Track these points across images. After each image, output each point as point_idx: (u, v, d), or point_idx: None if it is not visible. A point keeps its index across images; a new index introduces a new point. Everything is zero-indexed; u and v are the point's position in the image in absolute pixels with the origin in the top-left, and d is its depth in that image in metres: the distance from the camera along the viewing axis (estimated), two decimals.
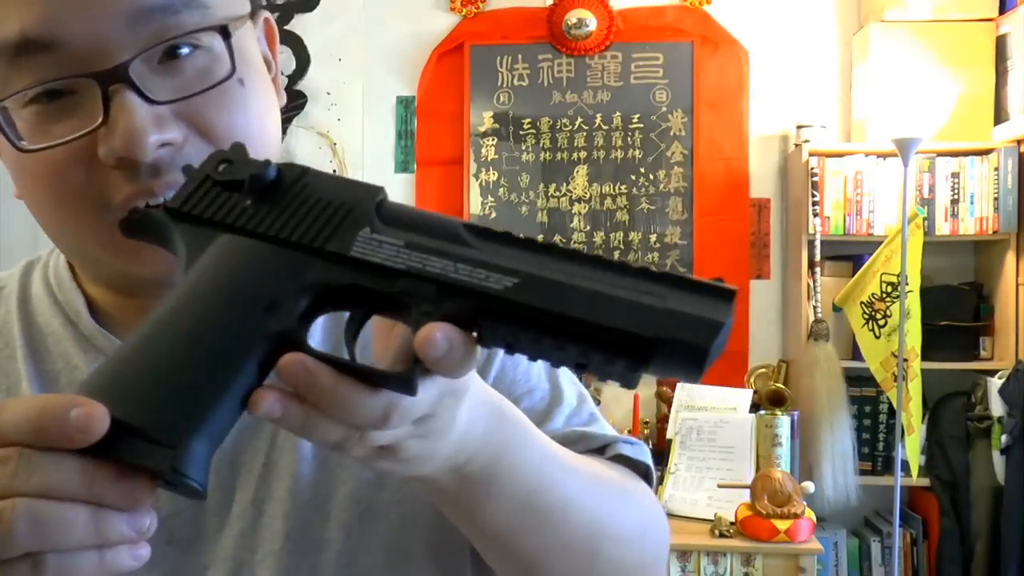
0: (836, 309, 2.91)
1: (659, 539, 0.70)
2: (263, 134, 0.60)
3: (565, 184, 3.28)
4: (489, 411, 0.52)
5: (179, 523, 0.65)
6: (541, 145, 3.28)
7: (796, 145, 3.09)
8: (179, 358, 0.44)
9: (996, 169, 2.92)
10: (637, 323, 0.42)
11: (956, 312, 2.97)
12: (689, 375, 0.45)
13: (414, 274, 0.43)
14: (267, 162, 0.48)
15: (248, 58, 0.61)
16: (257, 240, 0.46)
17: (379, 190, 0.47)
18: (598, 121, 3.27)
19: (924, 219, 2.85)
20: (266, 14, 0.66)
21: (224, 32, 0.57)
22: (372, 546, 0.66)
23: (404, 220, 0.46)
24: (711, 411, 2.87)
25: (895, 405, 2.75)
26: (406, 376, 0.43)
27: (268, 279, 0.45)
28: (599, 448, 0.73)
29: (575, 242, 3.28)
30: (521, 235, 0.45)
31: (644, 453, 0.74)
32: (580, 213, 3.28)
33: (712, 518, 2.53)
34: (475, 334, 0.43)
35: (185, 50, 0.57)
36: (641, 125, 3.26)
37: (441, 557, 0.68)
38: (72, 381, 0.66)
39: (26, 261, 0.75)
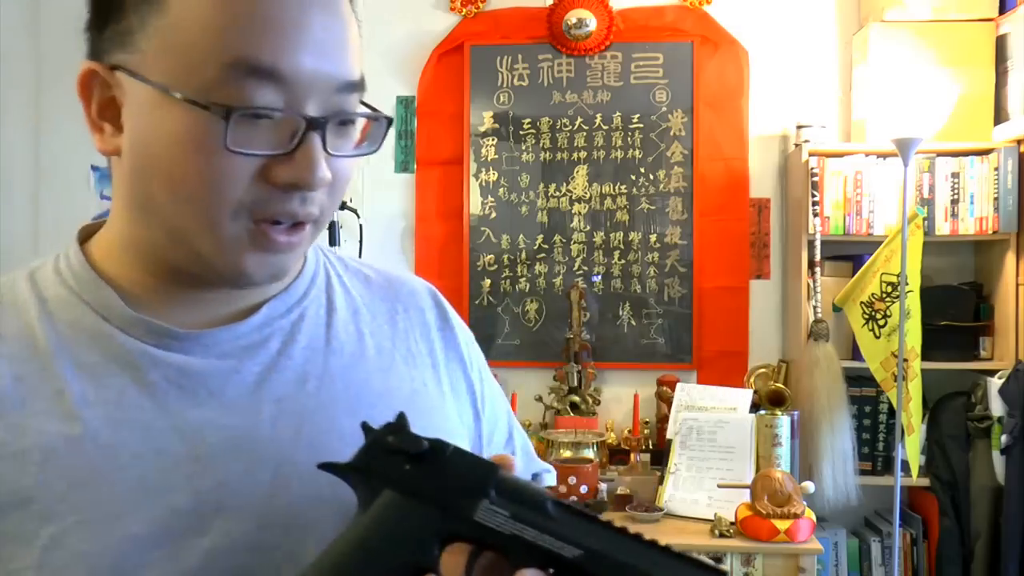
0: (836, 309, 2.91)
1: None
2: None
3: (565, 184, 3.28)
4: None
5: None
6: (541, 145, 3.28)
7: (796, 145, 3.09)
8: None
9: (996, 169, 2.92)
10: None
11: (956, 312, 2.97)
12: None
13: (515, 537, 0.62)
14: (422, 439, 0.64)
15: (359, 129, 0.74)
16: (412, 498, 0.63)
17: (496, 468, 0.64)
18: (598, 121, 3.27)
19: (924, 219, 2.85)
20: None
21: (389, 121, 0.74)
22: None
23: (511, 493, 0.63)
24: (711, 411, 2.87)
25: (895, 405, 2.75)
26: None
27: (418, 527, 0.62)
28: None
29: (575, 242, 3.28)
30: (592, 513, 0.63)
31: None
32: (580, 213, 3.28)
33: (712, 518, 2.53)
34: None
35: (354, 121, 0.72)
36: (641, 125, 3.26)
37: None
38: (111, 370, 0.70)
39: (22, 270, 0.78)
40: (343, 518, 0.65)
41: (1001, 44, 2.95)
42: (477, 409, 0.88)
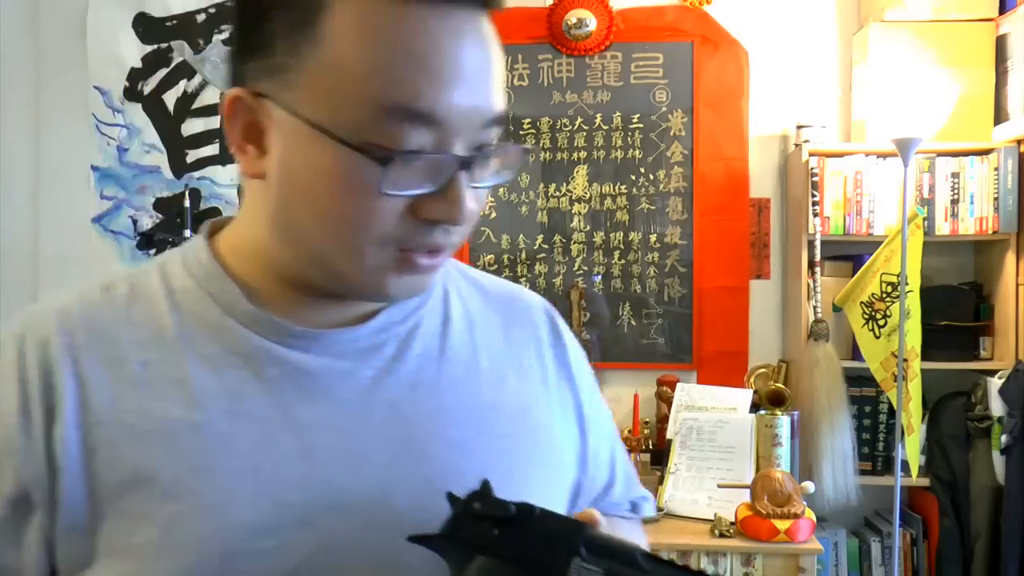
0: (836, 309, 2.91)
1: None
2: None
3: (565, 184, 3.28)
4: None
5: None
6: (541, 145, 3.28)
7: (796, 145, 3.09)
8: None
9: (996, 169, 2.92)
10: None
11: (956, 312, 2.97)
12: None
13: None
14: (508, 503, 0.65)
15: None
16: (505, 563, 0.63)
17: (584, 526, 0.65)
18: (598, 121, 3.27)
19: (924, 219, 2.85)
20: None
21: (526, 151, 0.75)
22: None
23: (601, 549, 0.64)
24: (711, 411, 2.87)
25: (895, 405, 2.75)
26: None
27: None
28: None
29: (575, 242, 3.28)
30: (682, 563, 0.64)
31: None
32: (580, 213, 3.28)
33: (712, 518, 2.53)
34: None
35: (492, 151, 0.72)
36: (641, 125, 3.26)
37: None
38: (232, 363, 0.73)
39: (154, 262, 0.79)
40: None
41: (1001, 44, 2.94)
42: (583, 429, 0.88)
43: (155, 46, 3.34)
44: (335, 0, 0.65)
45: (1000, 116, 2.94)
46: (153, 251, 3.31)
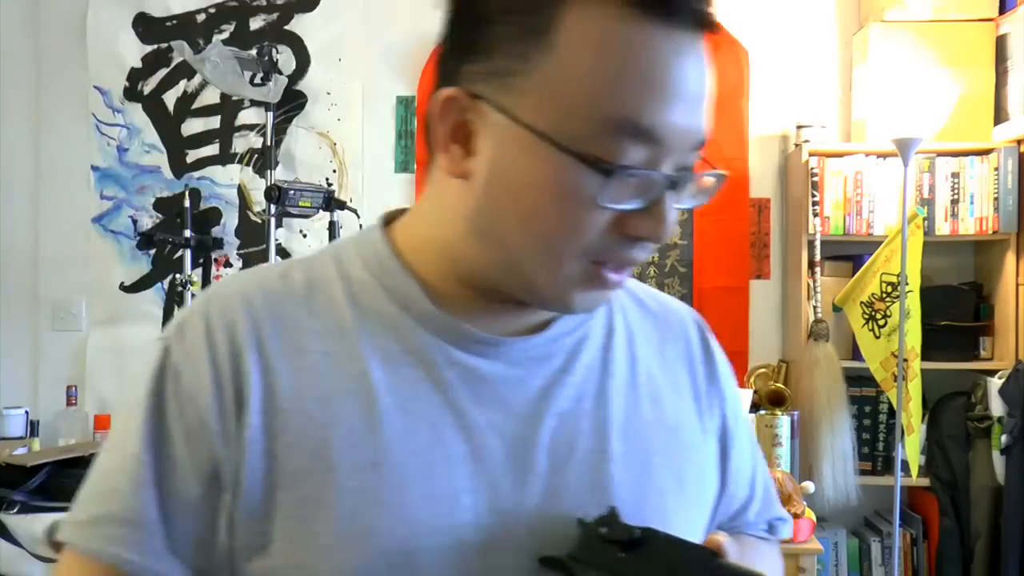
0: (836, 309, 2.91)
1: None
2: None
3: None
4: None
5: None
6: None
7: (796, 145, 3.09)
8: None
9: (996, 169, 2.92)
10: None
11: (956, 312, 2.97)
12: None
13: None
14: (633, 528, 0.66)
15: None
16: None
17: (712, 553, 0.65)
18: None
19: (924, 219, 2.85)
20: None
21: (722, 178, 0.74)
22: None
23: None
24: None
25: (895, 405, 2.75)
26: None
27: None
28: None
29: None
30: None
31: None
32: None
33: None
34: None
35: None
36: None
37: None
38: (408, 361, 0.74)
39: (328, 251, 0.80)
40: None
41: (1001, 44, 2.94)
42: (727, 446, 0.88)
43: (155, 46, 3.34)
44: (569, 13, 0.66)
45: (1000, 116, 2.94)
46: (153, 251, 3.31)
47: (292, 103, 3.25)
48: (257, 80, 3.12)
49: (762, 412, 2.78)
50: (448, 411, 0.72)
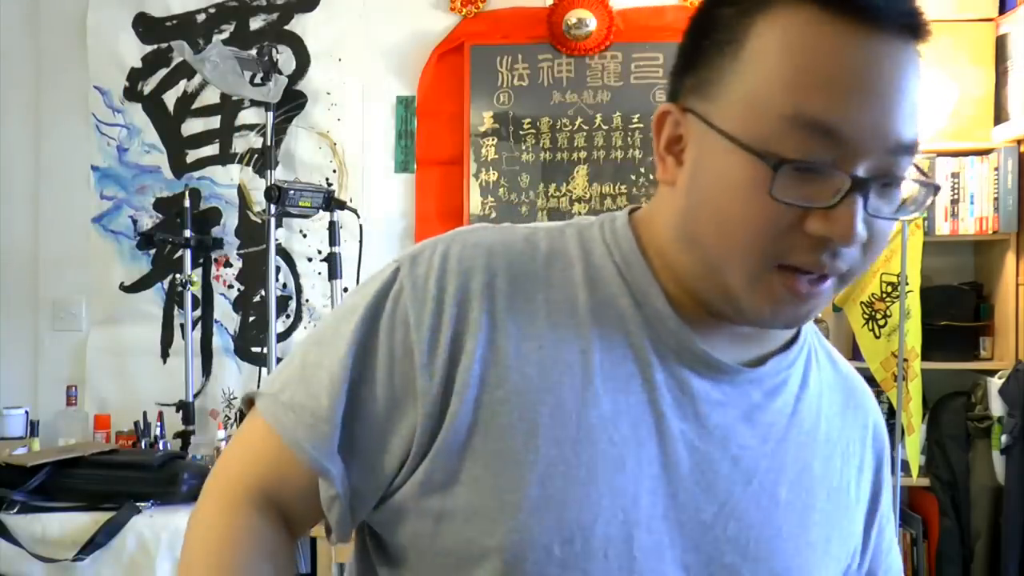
0: (836, 309, 2.91)
1: None
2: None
3: (565, 184, 3.28)
4: None
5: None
6: (541, 145, 3.28)
7: None
8: None
9: (996, 169, 2.92)
10: None
11: (956, 312, 2.97)
12: None
13: None
14: None
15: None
16: None
17: None
18: (598, 121, 3.27)
19: (924, 219, 2.85)
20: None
21: (935, 189, 0.74)
22: None
23: None
24: None
25: (895, 405, 2.75)
26: None
27: None
28: None
29: None
30: None
31: None
32: (580, 213, 3.28)
33: None
34: None
35: (900, 183, 0.71)
36: (641, 125, 3.26)
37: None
38: (627, 355, 0.76)
39: (572, 225, 0.82)
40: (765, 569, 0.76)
41: (1001, 44, 2.95)
42: (873, 523, 0.90)
43: (155, 46, 3.34)
44: (762, 20, 0.69)
45: (1000, 116, 2.94)
46: (153, 251, 3.31)
47: (292, 103, 3.25)
48: (257, 80, 3.12)
49: None
50: (651, 413, 0.75)
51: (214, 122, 3.34)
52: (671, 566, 0.74)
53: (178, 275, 3.18)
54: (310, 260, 3.29)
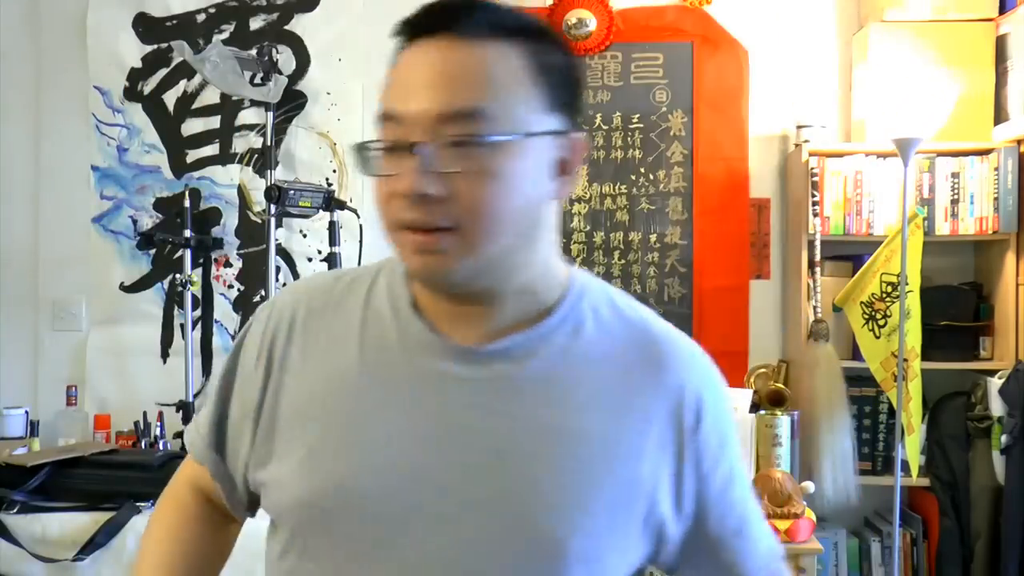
0: (836, 309, 2.91)
1: None
2: (497, 208, 0.85)
3: None
4: None
5: None
6: None
7: (796, 145, 3.09)
8: None
9: (996, 169, 2.92)
10: None
11: (956, 312, 2.97)
12: None
13: None
14: None
15: (510, 152, 0.86)
16: None
17: None
18: (598, 121, 3.27)
19: (924, 219, 2.85)
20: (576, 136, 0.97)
21: (482, 141, 0.84)
22: None
23: None
24: None
25: (895, 405, 2.75)
26: None
27: None
28: None
29: (575, 242, 3.28)
30: None
31: None
32: (580, 213, 3.28)
33: None
34: None
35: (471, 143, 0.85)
36: (641, 125, 3.26)
37: None
38: (381, 345, 0.93)
39: (384, 260, 0.99)
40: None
41: (1001, 44, 2.95)
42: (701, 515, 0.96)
43: (155, 46, 3.34)
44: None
45: (1000, 116, 2.94)
46: (153, 251, 3.31)
47: (292, 103, 3.25)
48: (257, 80, 3.12)
49: (762, 412, 2.78)
50: (409, 396, 0.91)
51: (214, 122, 3.34)
52: (433, 509, 0.87)
53: (178, 275, 3.18)
54: (310, 260, 3.29)
